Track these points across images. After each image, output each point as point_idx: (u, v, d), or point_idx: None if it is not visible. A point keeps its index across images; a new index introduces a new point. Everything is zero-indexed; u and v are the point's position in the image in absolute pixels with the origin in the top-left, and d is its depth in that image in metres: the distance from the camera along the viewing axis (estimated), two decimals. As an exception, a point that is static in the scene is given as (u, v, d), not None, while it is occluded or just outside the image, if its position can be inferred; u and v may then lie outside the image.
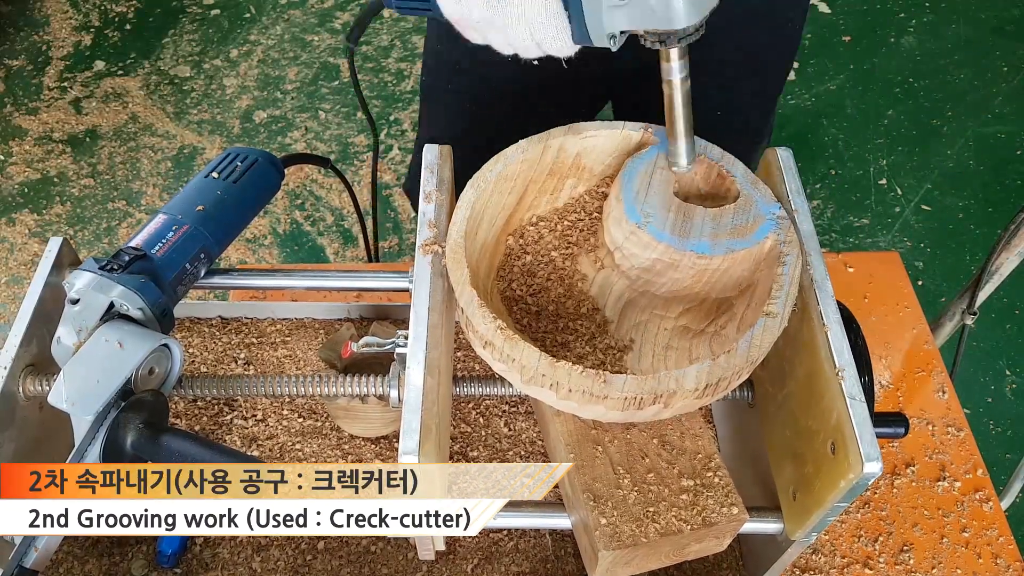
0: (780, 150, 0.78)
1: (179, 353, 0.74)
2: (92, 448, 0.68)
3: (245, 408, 0.95)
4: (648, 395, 0.63)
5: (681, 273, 0.73)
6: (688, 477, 0.71)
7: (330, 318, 1.03)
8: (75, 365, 0.69)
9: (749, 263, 0.72)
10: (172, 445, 0.69)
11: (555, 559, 0.86)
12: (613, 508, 0.68)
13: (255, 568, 0.85)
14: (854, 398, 0.64)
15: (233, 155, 0.85)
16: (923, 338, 1.06)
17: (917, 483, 0.94)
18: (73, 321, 0.71)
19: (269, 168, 0.87)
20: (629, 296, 0.77)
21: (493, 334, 0.65)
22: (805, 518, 0.69)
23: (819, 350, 0.67)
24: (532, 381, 0.65)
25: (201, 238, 0.78)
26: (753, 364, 0.66)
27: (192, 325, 1.01)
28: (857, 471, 0.61)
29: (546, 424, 0.78)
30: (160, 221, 0.78)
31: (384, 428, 0.91)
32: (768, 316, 0.66)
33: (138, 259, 0.73)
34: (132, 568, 0.84)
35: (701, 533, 0.68)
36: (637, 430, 0.73)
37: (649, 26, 0.62)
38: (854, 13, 2.87)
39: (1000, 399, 1.97)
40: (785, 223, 0.71)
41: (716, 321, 0.74)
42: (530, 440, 0.93)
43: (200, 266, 0.79)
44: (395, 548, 0.86)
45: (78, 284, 0.71)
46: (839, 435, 0.63)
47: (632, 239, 0.74)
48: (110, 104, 2.60)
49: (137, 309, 0.71)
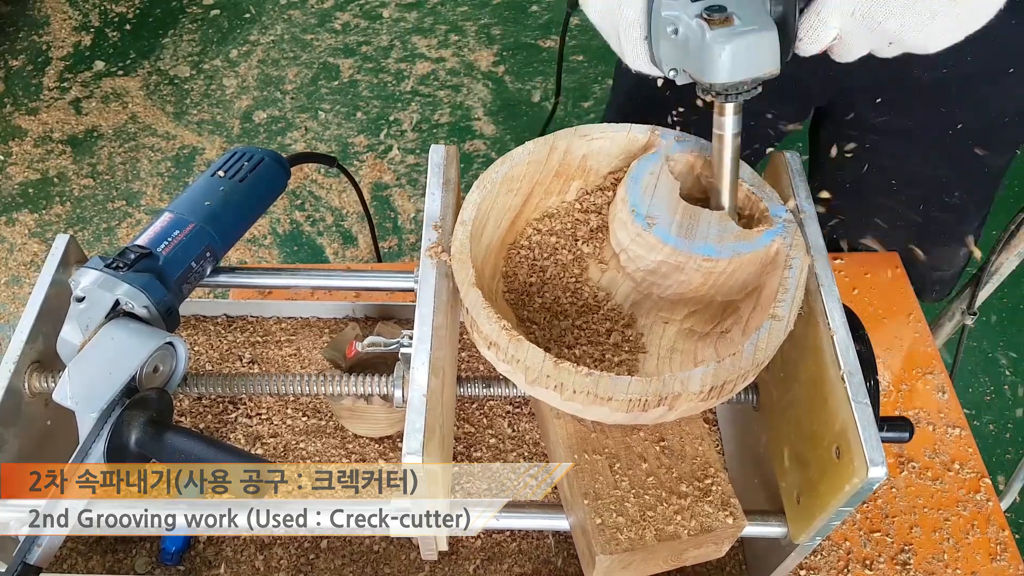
0: (788, 153, 0.78)
1: (184, 351, 0.74)
2: (96, 446, 0.68)
3: (250, 407, 0.95)
4: (653, 397, 0.63)
5: (687, 275, 0.74)
6: (687, 482, 0.71)
7: (335, 317, 1.03)
8: (80, 362, 0.69)
9: (755, 266, 0.72)
10: (176, 443, 0.70)
11: (558, 561, 0.86)
12: (611, 512, 0.68)
13: (258, 566, 0.85)
14: (859, 402, 0.64)
15: (239, 154, 0.85)
16: (923, 338, 1.07)
17: (917, 483, 0.94)
18: (79, 318, 0.71)
19: (276, 167, 0.87)
20: (634, 298, 0.77)
21: (498, 334, 0.65)
22: (809, 522, 0.69)
23: (824, 354, 0.67)
24: (536, 382, 0.65)
25: (207, 237, 0.78)
26: (759, 367, 0.66)
27: (197, 323, 1.01)
28: (862, 476, 0.61)
29: (546, 426, 0.78)
30: (166, 220, 0.78)
31: (388, 428, 0.91)
32: (774, 319, 0.66)
33: (144, 257, 0.73)
34: (136, 565, 0.84)
35: (699, 539, 0.68)
36: (637, 434, 0.73)
37: (690, 70, 0.61)
38: None
39: (1000, 399, 1.97)
40: (792, 226, 0.72)
41: (722, 324, 0.74)
42: (533, 441, 0.93)
43: (206, 265, 0.79)
44: (398, 548, 0.86)
45: (84, 282, 0.71)
46: (844, 439, 0.63)
47: (638, 241, 0.74)
48: (110, 104, 2.60)
49: (142, 307, 0.71)
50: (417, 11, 2.92)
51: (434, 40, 2.81)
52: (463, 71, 2.71)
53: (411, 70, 2.72)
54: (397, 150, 2.49)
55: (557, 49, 1.02)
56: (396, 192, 2.39)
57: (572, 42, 2.70)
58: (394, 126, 2.56)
